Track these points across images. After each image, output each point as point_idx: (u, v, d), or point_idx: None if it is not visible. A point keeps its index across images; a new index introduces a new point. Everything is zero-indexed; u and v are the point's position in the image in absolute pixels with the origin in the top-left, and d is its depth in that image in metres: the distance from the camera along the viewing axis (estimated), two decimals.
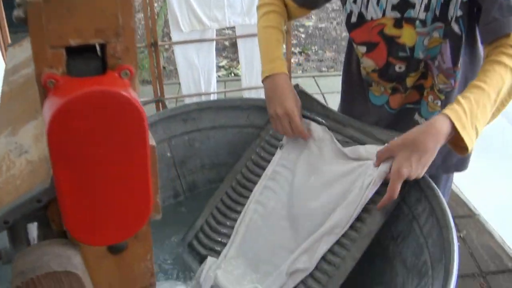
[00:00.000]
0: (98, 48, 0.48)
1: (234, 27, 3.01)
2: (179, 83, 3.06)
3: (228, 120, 1.44)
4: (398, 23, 1.21)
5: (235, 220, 1.26)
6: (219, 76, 4.46)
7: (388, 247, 1.12)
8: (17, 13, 0.44)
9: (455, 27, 1.14)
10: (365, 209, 1.05)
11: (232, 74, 4.51)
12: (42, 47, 0.44)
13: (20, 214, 0.52)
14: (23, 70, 0.88)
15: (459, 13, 1.12)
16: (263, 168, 1.29)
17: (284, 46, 1.39)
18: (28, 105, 0.74)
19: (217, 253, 1.23)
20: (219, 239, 1.26)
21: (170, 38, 3.51)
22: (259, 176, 1.29)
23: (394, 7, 1.19)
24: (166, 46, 4.84)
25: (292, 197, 1.19)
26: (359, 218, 1.06)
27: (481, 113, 1.01)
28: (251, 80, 3.05)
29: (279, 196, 1.22)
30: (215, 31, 2.92)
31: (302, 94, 1.30)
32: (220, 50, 4.99)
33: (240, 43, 2.96)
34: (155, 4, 6.08)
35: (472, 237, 2.42)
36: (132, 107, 0.44)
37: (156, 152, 0.54)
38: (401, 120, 1.33)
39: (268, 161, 1.29)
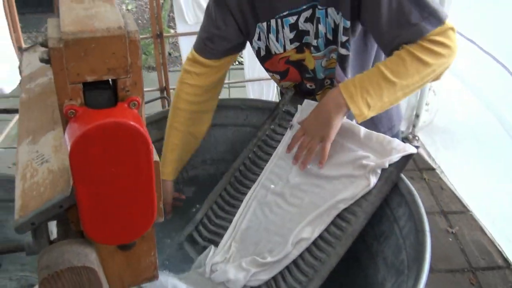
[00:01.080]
0: (110, 81, 0.57)
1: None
2: None
3: (228, 119, 1.53)
4: (299, 49, 1.31)
5: (232, 214, 1.35)
6: None
7: (372, 245, 1.22)
8: (41, 55, 0.53)
9: (342, 50, 1.23)
10: (350, 210, 1.15)
11: (237, 62, 4.58)
12: (63, 83, 0.53)
13: (45, 218, 0.61)
14: (39, 79, 0.97)
15: (344, 38, 1.21)
16: (260, 167, 1.38)
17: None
18: (46, 115, 0.83)
19: (216, 244, 1.33)
20: (218, 231, 1.35)
21: (175, 24, 3.58)
22: (256, 174, 1.37)
23: (291, 40, 1.30)
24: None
25: (298, 176, 1.28)
26: (343, 219, 1.15)
27: (373, 88, 1.12)
28: (254, 72, 3.12)
29: (285, 175, 1.30)
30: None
31: (296, 97, 1.39)
32: None
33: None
34: None
35: (464, 233, 2.50)
36: (139, 135, 0.53)
37: (159, 164, 0.63)
38: None
39: (265, 160, 1.38)
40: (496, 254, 2.35)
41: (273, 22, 1.28)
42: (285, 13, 1.25)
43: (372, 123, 1.33)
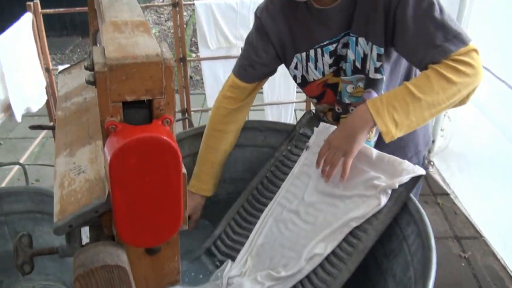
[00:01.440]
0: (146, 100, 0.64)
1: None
2: (205, 94, 3.23)
3: (246, 140, 1.60)
4: (336, 72, 1.39)
5: (249, 230, 1.41)
6: None
7: (382, 263, 1.27)
8: (88, 77, 0.61)
9: (377, 75, 1.30)
10: (361, 228, 1.20)
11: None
12: (106, 102, 0.60)
13: (82, 221, 0.68)
14: (74, 98, 1.06)
15: (377, 64, 1.28)
16: (276, 185, 1.44)
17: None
18: (81, 131, 0.91)
19: (233, 259, 1.39)
20: (235, 246, 1.41)
21: (197, 47, 3.68)
22: (272, 192, 1.44)
23: (330, 65, 1.38)
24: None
25: (312, 195, 1.34)
26: (355, 236, 1.20)
27: (399, 104, 1.15)
28: (272, 96, 3.20)
29: (301, 194, 1.36)
30: (240, 49, 3.09)
31: (313, 119, 1.46)
32: None
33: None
34: (184, 13, 6.25)
35: (477, 258, 2.52)
36: (171, 149, 0.60)
37: (186, 177, 0.70)
38: None
39: (281, 179, 1.44)
40: (508, 280, 2.37)
41: (312, 52, 1.37)
42: (325, 43, 1.34)
43: (400, 147, 1.44)
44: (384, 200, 1.20)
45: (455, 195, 2.95)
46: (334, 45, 1.34)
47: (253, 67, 1.45)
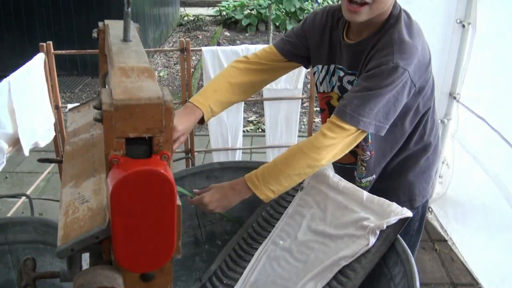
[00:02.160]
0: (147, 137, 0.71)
1: (261, 90, 3.27)
2: (209, 135, 3.32)
3: None
4: (339, 99, 1.53)
5: (244, 267, 1.46)
6: (247, 131, 4.72)
7: None
8: (95, 115, 0.68)
9: None
10: (351, 267, 1.25)
11: (260, 130, 4.76)
12: (111, 137, 0.68)
13: (83, 246, 0.74)
14: (82, 135, 1.13)
15: None
16: (271, 224, 1.50)
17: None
18: (87, 164, 0.98)
19: None
20: (229, 283, 1.46)
21: None
22: (267, 230, 1.49)
23: (338, 87, 1.54)
24: None
25: (305, 234, 1.39)
26: (344, 274, 1.25)
27: (272, 179, 1.37)
28: (274, 139, 3.28)
29: (294, 233, 1.42)
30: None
31: None
32: (250, 106, 5.28)
33: (266, 105, 3.22)
34: (193, 58, 6.40)
35: None
36: (167, 181, 0.67)
37: (181, 208, 0.76)
38: (346, 174, 1.61)
39: (276, 218, 1.50)
40: None
41: (332, 67, 1.55)
42: (339, 66, 1.51)
43: (393, 189, 1.60)
44: (372, 240, 1.25)
45: (453, 242, 2.98)
46: (343, 73, 1.50)
47: (290, 43, 1.60)
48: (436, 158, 1.68)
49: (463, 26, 2.62)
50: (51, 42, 2.65)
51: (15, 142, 2.39)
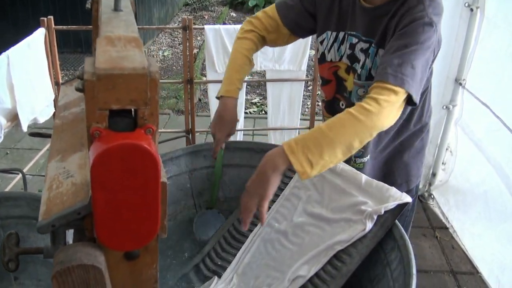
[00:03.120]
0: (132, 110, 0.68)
1: (264, 71, 3.23)
2: (210, 116, 3.29)
3: (242, 160, 1.64)
4: (347, 70, 1.49)
5: (238, 248, 1.43)
6: (250, 113, 4.69)
7: None
8: (77, 85, 0.65)
9: None
10: (346, 252, 1.22)
11: (263, 112, 4.72)
12: (92, 109, 0.64)
13: (64, 221, 0.72)
14: (73, 108, 1.10)
15: None
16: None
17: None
18: (75, 139, 0.95)
19: (219, 276, 1.41)
20: (222, 264, 1.43)
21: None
22: None
23: (348, 56, 1.47)
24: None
25: (301, 217, 1.36)
26: (339, 259, 1.22)
27: (314, 145, 1.17)
28: (276, 121, 3.25)
29: (290, 215, 1.39)
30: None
31: None
32: (254, 87, 5.23)
33: (269, 86, 3.18)
34: (199, 38, 6.35)
35: None
36: (150, 156, 0.64)
37: (167, 187, 0.73)
38: None
39: (272, 200, 1.47)
40: None
41: (341, 34, 1.48)
42: (352, 33, 1.45)
43: (391, 172, 1.54)
44: (369, 225, 1.22)
45: (454, 230, 2.95)
46: (355, 40, 1.44)
47: (293, 10, 1.54)
48: (428, 138, 1.66)
49: (471, 10, 2.57)
50: (52, 17, 2.61)
51: (14, 118, 2.37)
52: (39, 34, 2.54)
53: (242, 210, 1.24)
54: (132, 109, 0.67)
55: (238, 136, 3.24)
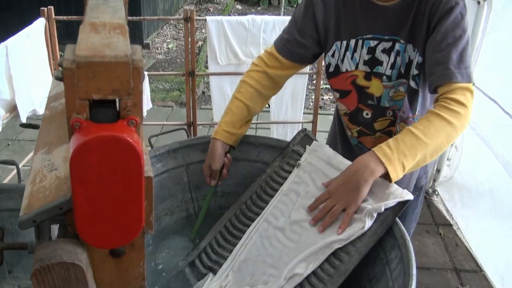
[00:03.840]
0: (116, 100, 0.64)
1: None
2: (212, 109, 3.25)
3: (240, 154, 1.60)
4: (367, 76, 1.44)
5: (234, 244, 1.40)
6: None
7: (365, 287, 1.25)
8: (57, 73, 0.61)
9: (412, 83, 1.37)
10: (345, 250, 1.19)
11: (267, 105, 4.68)
12: (72, 98, 0.61)
13: (46, 217, 0.68)
14: (63, 99, 1.06)
15: (415, 72, 1.35)
16: (265, 201, 1.43)
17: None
18: (63, 130, 0.91)
19: (215, 272, 1.37)
20: (218, 260, 1.40)
21: None
22: (260, 208, 1.43)
23: (365, 62, 1.42)
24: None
25: (299, 213, 1.32)
26: (337, 257, 1.19)
27: (408, 150, 1.18)
28: (279, 115, 3.21)
29: (288, 211, 1.35)
30: (249, 66, 3.10)
31: (307, 138, 1.46)
32: None
33: None
34: (203, 30, 6.30)
35: None
36: (132, 149, 0.60)
37: (164, 181, 0.70)
38: None
39: (271, 195, 1.43)
40: None
41: (352, 41, 1.42)
42: (368, 36, 1.39)
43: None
44: (368, 223, 1.18)
45: (458, 227, 2.92)
46: (375, 42, 1.39)
47: (290, 43, 1.49)
48: None
49: (478, 2, 2.52)
50: (52, 7, 2.58)
51: (12, 109, 2.34)
52: (39, 24, 2.51)
53: (321, 213, 1.25)
54: (117, 100, 0.64)
55: None
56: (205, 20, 2.91)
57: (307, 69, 3.09)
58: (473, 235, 2.78)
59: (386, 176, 1.20)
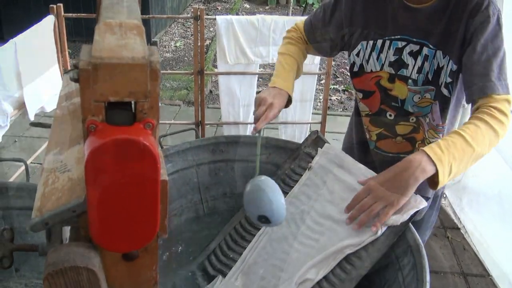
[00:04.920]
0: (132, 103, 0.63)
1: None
2: (220, 108, 3.24)
3: (250, 155, 1.58)
4: (391, 78, 1.42)
5: (244, 247, 1.39)
6: None
7: None
8: (72, 74, 0.60)
9: (445, 91, 1.34)
10: (357, 255, 1.17)
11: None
12: (88, 100, 0.60)
13: (58, 220, 0.67)
14: (75, 98, 1.05)
15: (449, 80, 1.32)
16: None
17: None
18: (75, 131, 0.90)
19: (224, 275, 1.36)
20: (228, 263, 1.39)
21: None
22: None
23: (390, 64, 1.40)
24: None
25: (310, 216, 1.31)
26: (349, 262, 1.17)
27: (458, 153, 1.15)
28: (287, 116, 3.19)
29: (298, 215, 1.34)
30: (258, 66, 3.09)
31: (319, 140, 1.44)
32: (266, 80, 5.17)
33: None
34: (211, 29, 6.29)
35: None
36: (148, 152, 0.59)
37: (174, 181, 0.69)
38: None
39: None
40: None
41: (379, 42, 1.41)
42: (396, 36, 1.38)
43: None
44: (382, 229, 1.17)
45: (465, 230, 2.89)
46: (403, 44, 1.37)
47: (314, 28, 1.53)
48: None
49: None
50: (61, 5, 2.57)
51: (21, 106, 2.34)
52: (48, 21, 2.51)
53: (359, 211, 1.20)
54: (132, 102, 0.63)
55: (248, 129, 3.19)
56: (214, 19, 2.90)
57: (316, 69, 3.08)
58: (481, 239, 2.76)
59: (433, 180, 1.16)
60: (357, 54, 1.45)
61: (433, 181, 1.16)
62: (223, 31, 2.87)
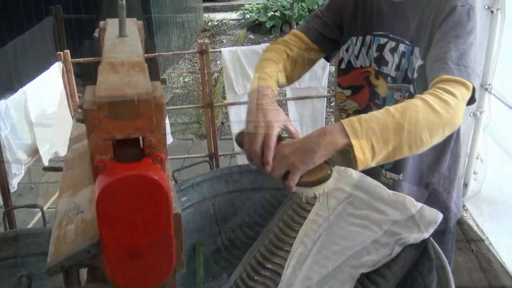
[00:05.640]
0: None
1: (285, 90, 3.19)
2: (232, 139, 3.25)
3: (265, 182, 1.58)
4: (376, 75, 1.40)
5: (265, 276, 1.37)
6: None
7: None
8: (78, 116, 0.61)
9: (411, 88, 1.31)
10: (380, 274, 1.15)
11: (283, 132, 4.66)
12: (95, 140, 0.60)
13: (74, 262, 0.67)
14: (84, 140, 1.06)
15: (415, 75, 1.28)
16: (294, 229, 1.40)
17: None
18: (86, 172, 0.91)
19: None
20: None
21: None
22: (289, 236, 1.40)
23: (375, 60, 1.39)
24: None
25: (327, 238, 1.29)
26: (373, 281, 1.15)
27: (379, 128, 1.02)
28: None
29: (316, 238, 1.32)
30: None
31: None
32: None
33: (290, 105, 3.13)
34: (218, 62, 6.36)
35: None
36: (159, 187, 0.59)
37: (190, 215, 0.68)
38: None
39: (299, 223, 1.40)
40: None
41: (368, 38, 1.40)
42: (379, 33, 1.37)
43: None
44: (397, 250, 1.15)
45: (489, 242, 2.84)
46: (385, 40, 1.36)
47: (316, 18, 1.46)
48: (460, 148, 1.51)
49: (492, 12, 2.50)
50: (68, 51, 2.62)
51: (34, 153, 2.36)
52: (56, 68, 2.55)
53: (275, 164, 1.07)
54: (140, 137, 0.63)
55: None
56: (220, 51, 2.93)
57: (324, 92, 3.09)
58: (506, 250, 2.70)
59: (353, 158, 1.03)
60: (347, 50, 1.45)
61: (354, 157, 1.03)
62: (229, 62, 2.90)
